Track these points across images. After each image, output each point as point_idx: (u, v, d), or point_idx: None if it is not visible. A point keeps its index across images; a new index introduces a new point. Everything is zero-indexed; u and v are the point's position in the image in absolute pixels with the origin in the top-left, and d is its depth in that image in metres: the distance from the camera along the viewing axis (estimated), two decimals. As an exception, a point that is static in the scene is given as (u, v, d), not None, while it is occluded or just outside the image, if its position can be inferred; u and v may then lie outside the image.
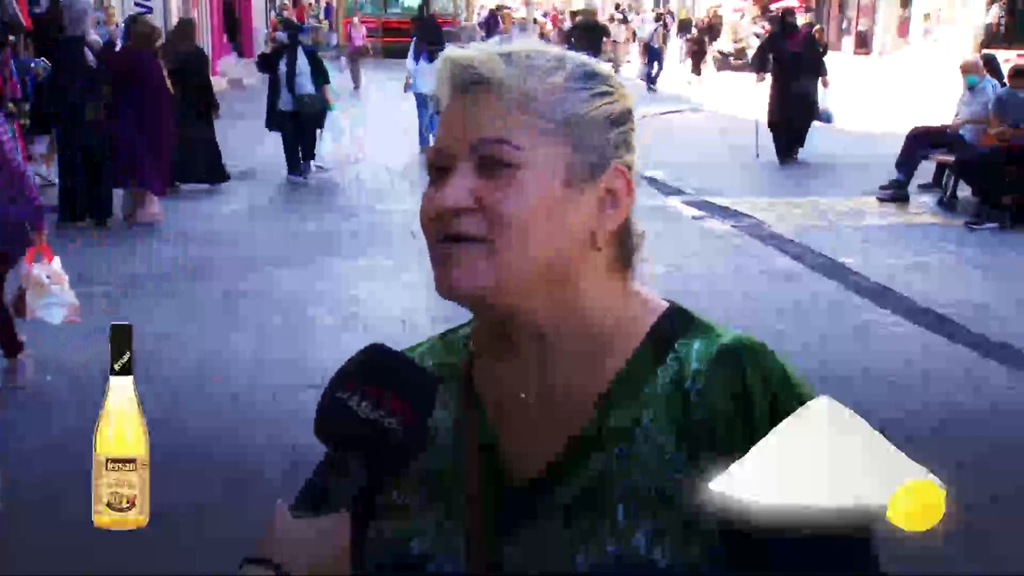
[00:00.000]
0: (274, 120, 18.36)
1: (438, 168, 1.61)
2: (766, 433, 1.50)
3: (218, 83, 30.53)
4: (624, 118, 1.65)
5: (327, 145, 17.98)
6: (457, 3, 48.17)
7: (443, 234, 1.59)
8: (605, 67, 1.67)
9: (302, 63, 17.87)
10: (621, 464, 1.58)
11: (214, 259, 12.64)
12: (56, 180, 14.96)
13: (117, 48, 15.85)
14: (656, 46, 37.41)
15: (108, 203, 14.42)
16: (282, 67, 17.96)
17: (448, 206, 1.57)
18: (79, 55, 14.04)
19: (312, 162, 18.32)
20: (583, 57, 1.66)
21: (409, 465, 1.66)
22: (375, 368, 1.58)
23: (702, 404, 1.57)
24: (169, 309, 10.53)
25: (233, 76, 34.11)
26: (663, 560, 1.52)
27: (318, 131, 18.02)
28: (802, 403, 1.53)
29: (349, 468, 1.55)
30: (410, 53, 20.97)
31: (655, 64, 37.23)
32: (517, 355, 1.67)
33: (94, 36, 14.60)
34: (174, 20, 29.18)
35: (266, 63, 19.08)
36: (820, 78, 19.62)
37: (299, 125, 17.99)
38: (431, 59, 20.48)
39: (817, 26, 28.22)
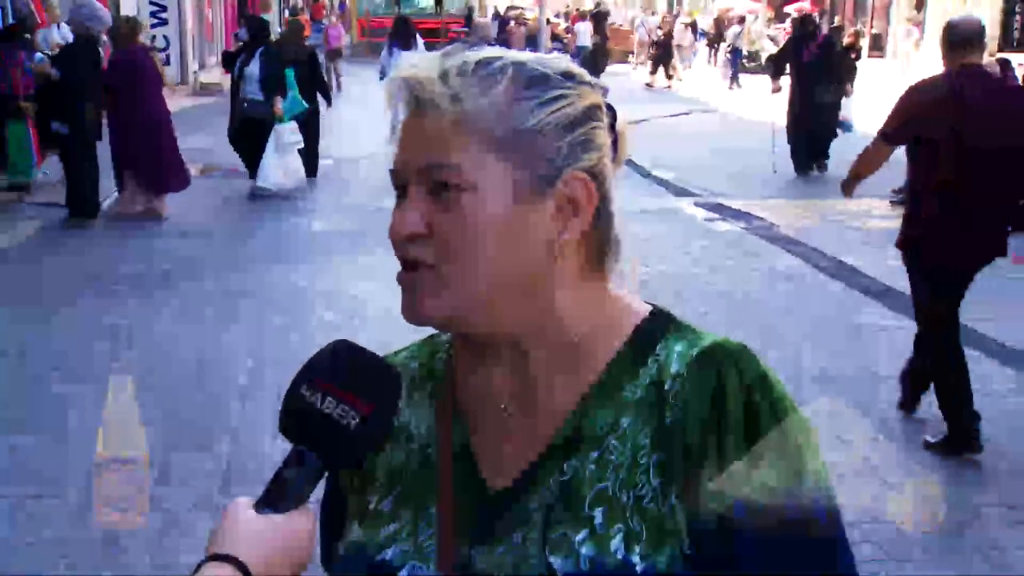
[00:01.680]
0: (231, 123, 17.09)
1: (398, 186, 1.61)
2: (740, 435, 1.51)
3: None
4: (582, 119, 1.59)
5: (270, 165, 16.31)
6: (469, 3, 48.30)
7: (401, 258, 1.59)
8: (562, 66, 1.61)
9: (253, 67, 16.44)
10: (598, 469, 1.57)
11: (214, 256, 12.76)
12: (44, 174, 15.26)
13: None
14: (739, 47, 37.90)
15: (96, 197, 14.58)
16: (238, 68, 16.77)
17: (400, 234, 1.57)
18: (92, 54, 14.22)
19: (255, 182, 16.52)
20: (537, 60, 1.61)
21: (365, 458, 1.68)
22: (338, 365, 1.59)
23: (679, 406, 1.55)
24: (170, 307, 10.63)
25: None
26: (640, 563, 1.51)
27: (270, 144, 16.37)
28: (778, 406, 1.54)
29: (308, 463, 1.56)
30: (384, 48, 21.37)
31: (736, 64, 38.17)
32: (495, 362, 1.65)
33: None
34: (189, 18, 29.29)
35: (227, 62, 17.69)
36: (844, 86, 18.86)
37: (245, 132, 16.50)
38: (403, 48, 19.97)
39: (852, 29, 26.99)
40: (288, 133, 16.47)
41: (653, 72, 39.20)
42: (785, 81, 19.31)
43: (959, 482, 6.83)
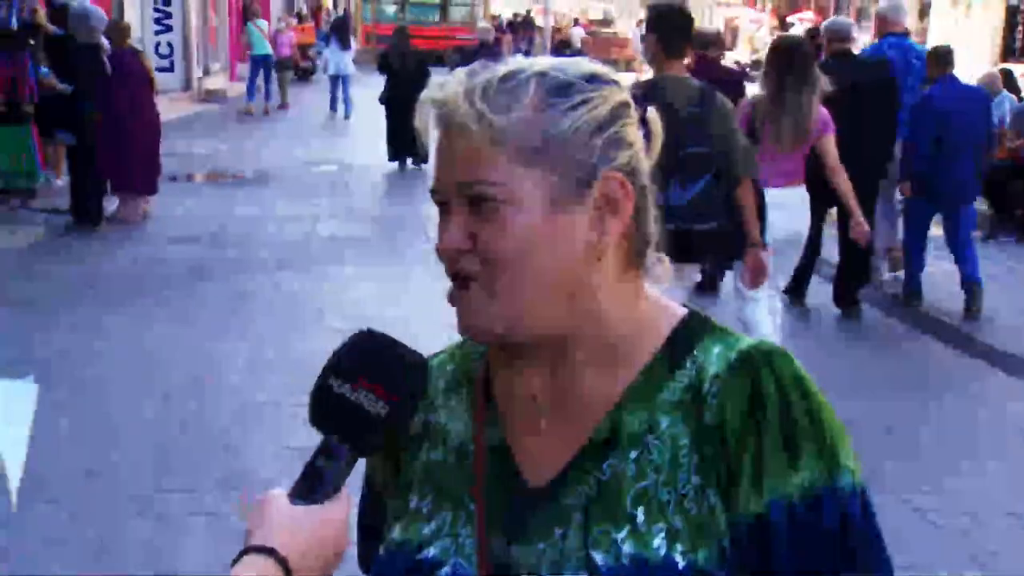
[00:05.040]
0: None
1: (439, 203, 1.63)
2: (776, 435, 1.56)
3: (237, 88, 30.62)
4: (610, 119, 1.61)
5: None
6: (475, 10, 48.32)
7: (451, 273, 1.62)
8: (585, 70, 1.63)
9: None
10: (637, 468, 1.60)
11: (219, 261, 12.77)
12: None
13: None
14: None
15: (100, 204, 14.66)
16: None
17: (446, 249, 1.60)
18: (98, 63, 14.25)
19: None
20: (559, 67, 1.63)
21: (392, 443, 1.74)
22: (364, 353, 1.63)
23: (718, 408, 1.59)
24: (174, 312, 10.65)
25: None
26: (681, 560, 1.54)
27: None
28: (813, 407, 1.59)
29: (338, 452, 1.60)
30: (324, 42, 24.10)
31: None
32: (532, 362, 1.68)
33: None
34: (193, 24, 29.26)
35: None
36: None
37: None
38: (342, 47, 25.34)
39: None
40: None
41: None
42: None
43: (965, 491, 6.84)
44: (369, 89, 25.37)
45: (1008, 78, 17.01)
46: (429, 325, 8.83)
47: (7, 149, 14.36)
